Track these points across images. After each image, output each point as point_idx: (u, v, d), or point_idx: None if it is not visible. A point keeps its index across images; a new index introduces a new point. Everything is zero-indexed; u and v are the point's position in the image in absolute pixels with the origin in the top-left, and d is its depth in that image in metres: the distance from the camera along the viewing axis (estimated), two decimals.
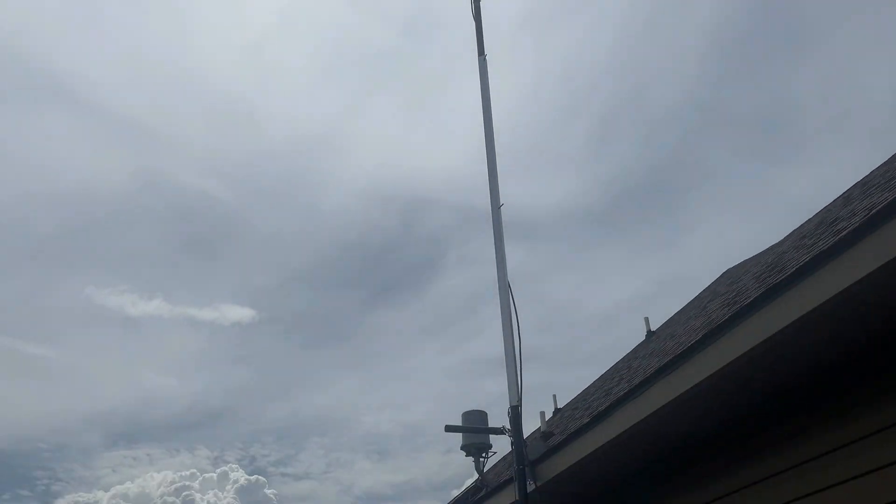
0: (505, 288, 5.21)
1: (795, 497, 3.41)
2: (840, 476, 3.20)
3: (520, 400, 4.95)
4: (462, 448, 6.09)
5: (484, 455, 6.02)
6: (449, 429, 5.48)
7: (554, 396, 10.78)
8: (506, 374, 5.08)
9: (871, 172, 5.08)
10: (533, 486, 4.75)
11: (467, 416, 5.78)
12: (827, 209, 5.03)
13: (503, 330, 5.09)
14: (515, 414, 4.94)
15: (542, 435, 5.73)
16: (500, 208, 5.48)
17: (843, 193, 5.15)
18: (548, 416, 9.84)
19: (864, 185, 4.53)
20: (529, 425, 6.12)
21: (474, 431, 5.52)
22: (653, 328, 9.95)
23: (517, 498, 4.80)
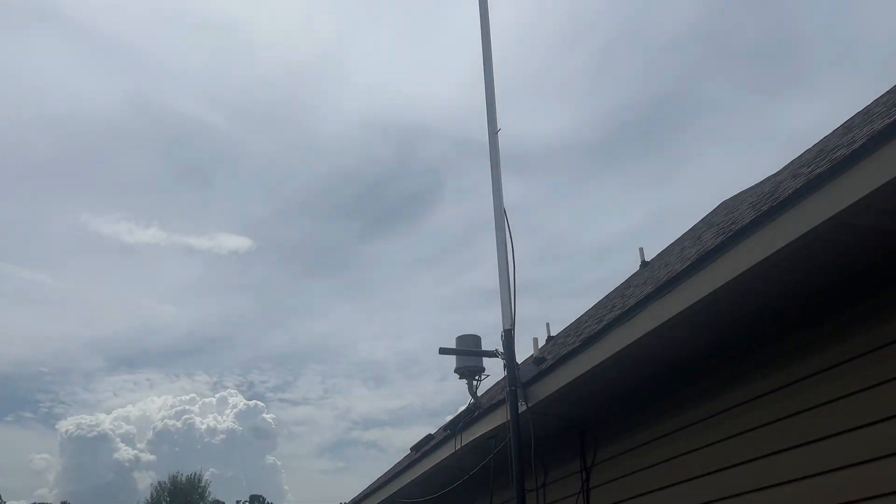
0: (500, 211, 5.21)
1: (783, 416, 3.50)
2: (827, 397, 3.27)
3: (513, 323, 5.02)
4: (456, 371, 6.21)
5: (477, 378, 6.14)
6: (443, 351, 5.57)
7: (547, 325, 10.94)
8: (500, 303, 5.15)
9: (874, 101, 5.02)
10: (524, 407, 4.88)
11: (461, 339, 5.87)
12: (826, 139, 4.99)
13: (497, 252, 5.12)
14: (508, 337, 5.02)
15: (535, 360, 5.84)
16: (497, 133, 5.43)
17: (844, 123, 5.10)
18: (541, 343, 10.01)
19: (865, 115, 4.48)
20: (523, 353, 6.23)
21: (468, 354, 5.62)
22: (647, 259, 10.02)
23: (508, 418, 4.93)
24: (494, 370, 6.78)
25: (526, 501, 4.82)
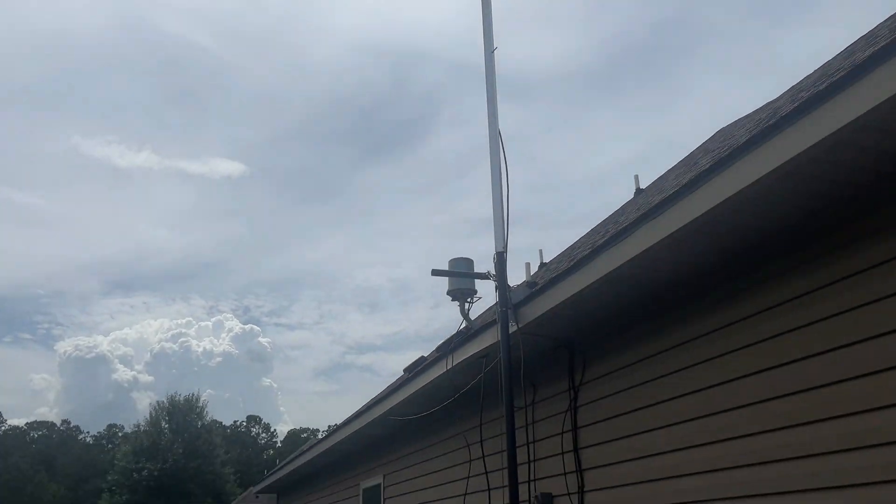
0: (495, 131, 5.17)
1: (769, 336, 3.56)
2: (815, 317, 3.33)
3: (505, 246, 5.05)
4: (448, 293, 6.28)
5: (469, 300, 6.21)
6: (435, 273, 5.62)
7: (540, 251, 11.03)
8: (493, 230, 5.16)
9: (878, 26, 4.92)
10: (515, 328, 4.96)
11: (454, 262, 5.91)
12: (828, 63, 4.91)
13: (492, 173, 5.10)
14: (500, 260, 5.06)
15: (527, 285, 5.91)
16: (493, 52, 5.32)
17: (847, 48, 5.01)
18: (533, 270, 10.10)
19: (869, 38, 4.40)
20: (515, 280, 6.29)
21: (460, 276, 5.67)
22: (642, 187, 10.00)
23: (499, 338, 5.02)
24: (487, 295, 6.80)
25: (515, 419, 4.96)
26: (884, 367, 2.96)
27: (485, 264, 5.56)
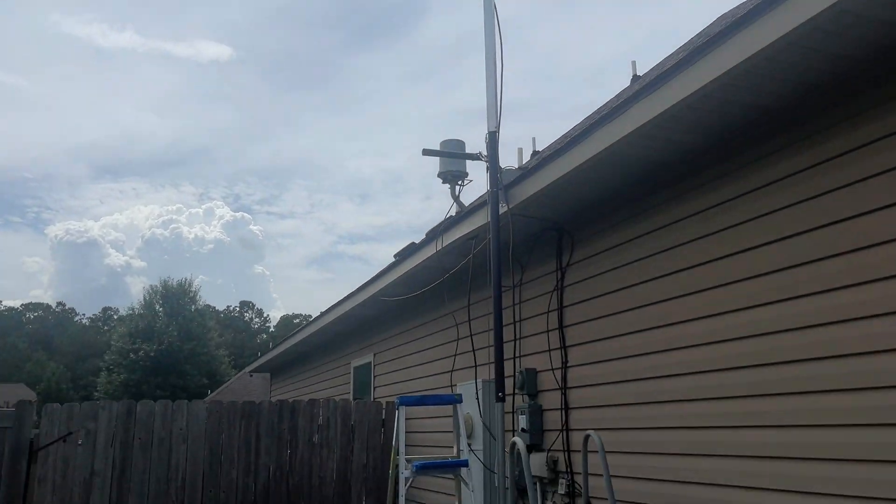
0: (490, 1, 4.98)
1: (759, 215, 3.59)
2: (804, 196, 3.35)
3: (498, 125, 4.99)
4: (439, 175, 6.26)
5: (460, 183, 6.20)
6: (427, 152, 5.57)
7: (533, 139, 10.90)
8: (486, 117, 5.06)
9: None
10: (505, 209, 4.97)
11: (445, 143, 5.86)
12: None
13: (485, 44, 4.95)
14: (493, 139, 5.01)
15: (519, 169, 5.88)
16: None
17: None
18: (525, 158, 10.03)
19: None
20: (507, 165, 6.22)
21: (451, 156, 5.63)
22: (639, 74, 9.79)
23: (489, 219, 5.04)
24: (478, 179, 6.75)
25: (502, 298, 5.06)
26: (874, 243, 3.00)
27: (480, 165, 5.49)
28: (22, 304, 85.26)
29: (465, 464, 4.79)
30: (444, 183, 6.29)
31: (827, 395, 3.13)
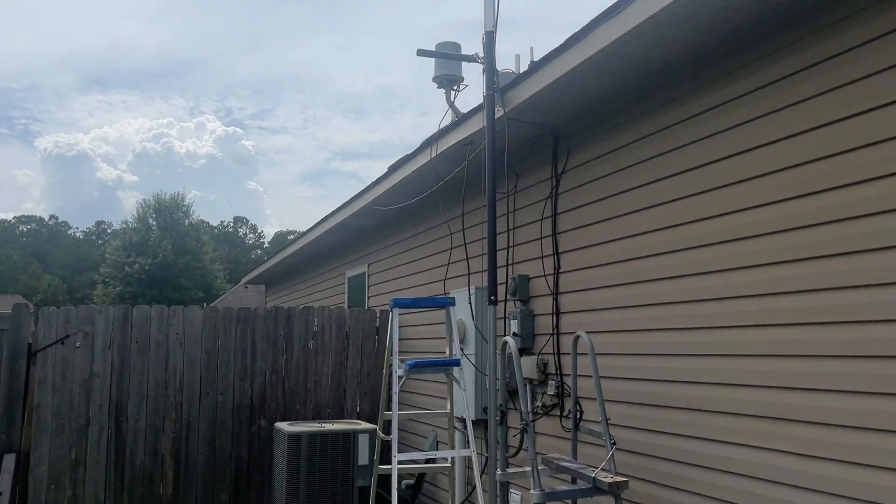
0: None
1: (766, 113, 3.55)
2: (804, 95, 3.30)
3: (495, 25, 4.85)
4: (434, 80, 6.14)
5: (455, 87, 6.09)
6: (421, 53, 5.44)
7: (531, 48, 10.64)
8: (483, 14, 4.90)
9: None
10: (501, 112, 4.90)
11: (441, 45, 5.71)
12: None
13: None
14: (489, 40, 4.88)
15: (515, 74, 5.76)
16: None
17: None
18: (523, 67, 9.81)
19: None
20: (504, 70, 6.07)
21: (447, 58, 5.50)
22: None
23: (485, 124, 4.97)
24: (474, 86, 6.62)
25: (496, 206, 5.06)
26: (870, 142, 2.98)
27: (475, 71, 5.34)
28: (15, 217, 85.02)
29: (458, 363, 4.89)
30: (439, 88, 6.18)
31: (809, 294, 3.18)
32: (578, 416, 4.52)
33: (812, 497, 3.15)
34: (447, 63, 5.67)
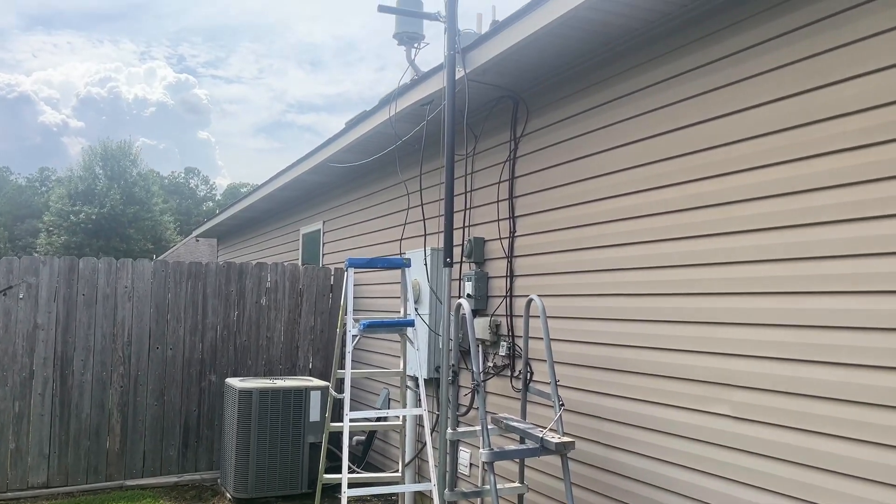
0: None
1: (722, 85, 3.59)
2: (759, 69, 3.34)
3: None
4: (394, 37, 6.04)
5: (416, 45, 6.00)
6: (382, 9, 5.33)
7: (493, 7, 10.50)
8: None
9: None
10: (462, 73, 4.85)
11: (403, 1, 5.60)
12: None
13: None
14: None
15: (477, 34, 5.69)
16: None
17: None
18: (485, 27, 9.70)
19: None
20: (466, 29, 6.00)
21: (408, 14, 5.40)
22: None
23: (445, 84, 4.93)
24: (435, 45, 6.51)
25: (455, 168, 5.04)
26: (831, 116, 3.06)
27: (436, 28, 5.27)
28: None
29: (412, 323, 4.93)
30: (399, 45, 6.09)
31: (753, 265, 3.28)
32: (529, 378, 4.62)
33: (749, 459, 3.29)
34: (408, 20, 5.57)
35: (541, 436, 3.82)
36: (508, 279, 5.21)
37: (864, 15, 2.87)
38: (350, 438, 5.62)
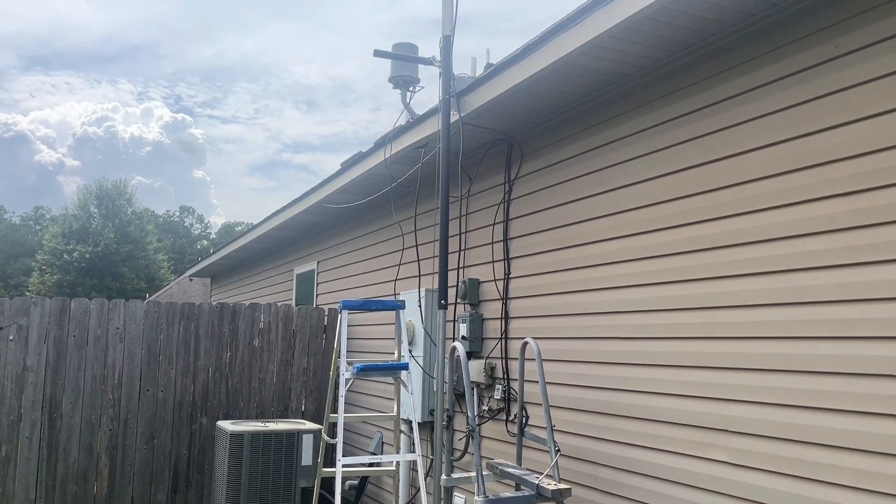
0: None
1: (713, 131, 3.63)
2: (746, 117, 3.38)
3: (453, 29, 4.85)
4: (390, 80, 6.11)
5: (411, 89, 6.08)
6: (378, 54, 5.40)
7: (487, 51, 10.68)
8: (441, 18, 4.89)
9: None
10: (456, 117, 4.90)
11: (398, 46, 5.69)
12: None
13: None
14: (447, 44, 4.88)
15: (472, 78, 5.77)
16: None
17: None
18: (479, 69, 9.84)
19: None
20: (461, 72, 6.08)
21: (403, 59, 5.48)
22: None
23: (440, 127, 4.97)
24: (430, 88, 6.59)
25: (449, 209, 5.06)
26: (798, 167, 3.08)
27: (431, 71, 5.35)
28: None
29: (406, 367, 4.88)
30: (394, 88, 6.16)
31: (749, 309, 3.27)
32: (524, 422, 4.56)
33: None
34: (404, 64, 5.65)
35: (537, 482, 3.76)
36: (503, 321, 5.18)
37: (856, 62, 2.91)
38: (343, 483, 5.52)
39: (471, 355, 5.40)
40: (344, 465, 4.72)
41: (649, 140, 3.94)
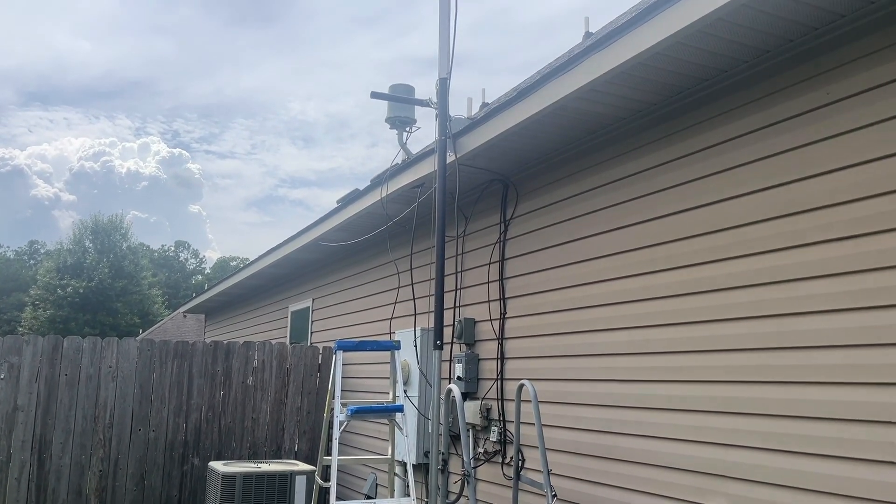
0: None
1: (708, 174, 3.65)
2: (741, 161, 3.41)
3: (449, 72, 4.91)
4: (387, 121, 6.16)
5: (408, 129, 6.13)
6: (375, 95, 5.46)
7: (483, 90, 10.85)
8: (437, 59, 4.96)
9: None
10: (453, 158, 4.93)
11: (395, 87, 5.75)
12: None
13: None
14: (443, 86, 4.93)
15: (468, 119, 5.82)
16: None
17: None
18: (474, 110, 9.96)
19: None
20: (456, 113, 6.15)
21: (400, 101, 5.53)
22: (592, 31, 9.76)
23: (436, 168, 5.00)
24: (426, 127, 6.67)
25: (445, 248, 5.06)
26: (804, 209, 3.10)
27: (428, 111, 5.40)
28: None
29: (401, 409, 4.84)
30: (391, 128, 6.21)
31: (745, 353, 3.26)
32: (520, 465, 4.51)
33: None
34: (400, 106, 5.71)
35: None
36: (499, 361, 5.15)
37: (847, 109, 2.95)
38: None
39: (466, 396, 5.35)
40: None
41: (645, 182, 3.97)
